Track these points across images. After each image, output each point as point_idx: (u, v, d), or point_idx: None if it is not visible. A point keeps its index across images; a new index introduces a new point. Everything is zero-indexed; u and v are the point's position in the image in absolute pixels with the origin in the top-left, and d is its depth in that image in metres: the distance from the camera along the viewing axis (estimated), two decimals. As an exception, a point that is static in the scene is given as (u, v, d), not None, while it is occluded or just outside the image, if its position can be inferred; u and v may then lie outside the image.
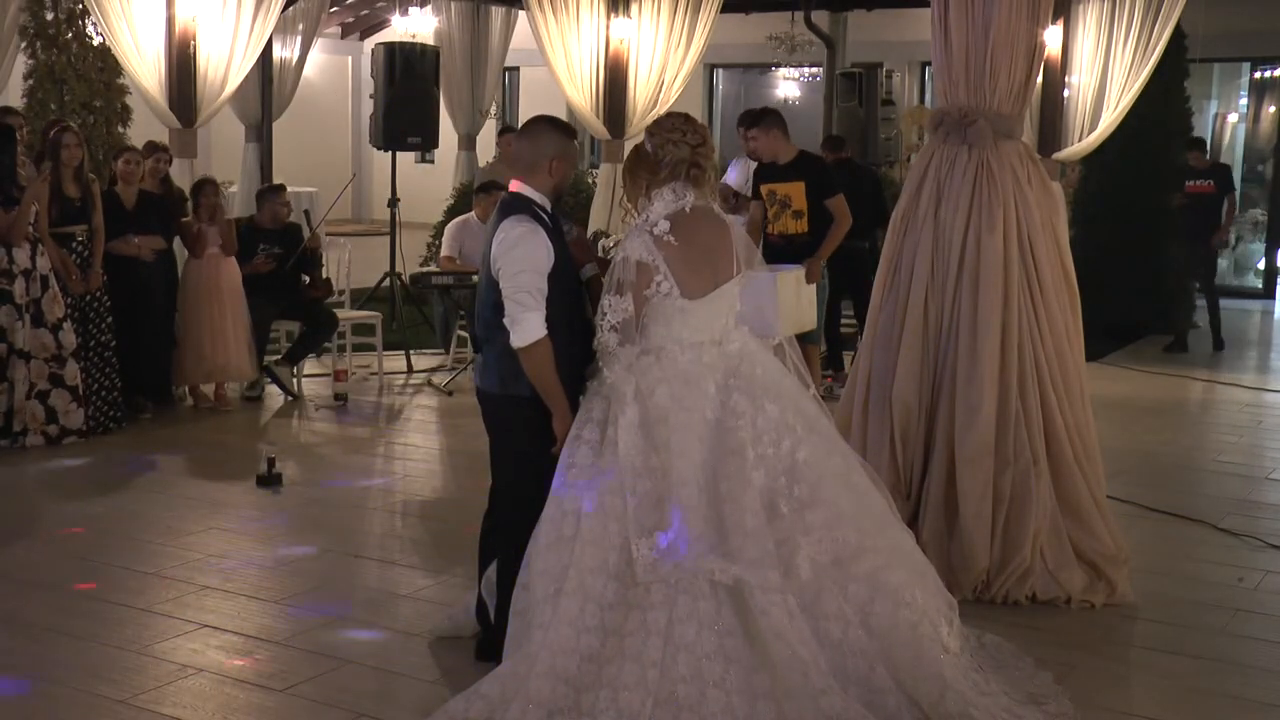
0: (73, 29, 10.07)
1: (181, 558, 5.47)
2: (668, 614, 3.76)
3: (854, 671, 3.83)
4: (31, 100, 10.09)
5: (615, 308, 3.95)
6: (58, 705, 4.10)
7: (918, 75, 17.58)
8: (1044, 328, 5.18)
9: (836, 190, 7.54)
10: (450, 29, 14.95)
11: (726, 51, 16.78)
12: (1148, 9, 10.67)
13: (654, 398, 3.93)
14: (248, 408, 8.52)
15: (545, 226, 4.10)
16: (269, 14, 9.37)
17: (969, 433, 5.04)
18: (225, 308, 8.22)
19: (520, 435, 4.19)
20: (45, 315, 7.21)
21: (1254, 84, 16.50)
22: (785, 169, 7.61)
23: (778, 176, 7.64)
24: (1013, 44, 5.17)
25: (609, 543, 3.84)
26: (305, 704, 4.12)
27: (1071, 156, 11.44)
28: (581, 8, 11.95)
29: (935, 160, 5.34)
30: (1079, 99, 11.13)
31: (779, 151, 7.65)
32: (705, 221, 4.08)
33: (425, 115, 10.44)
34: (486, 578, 4.34)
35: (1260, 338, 13.30)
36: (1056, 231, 5.40)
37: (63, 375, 7.26)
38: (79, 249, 7.56)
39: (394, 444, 7.79)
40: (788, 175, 7.58)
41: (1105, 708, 4.18)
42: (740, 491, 3.86)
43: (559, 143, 4.22)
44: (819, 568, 3.89)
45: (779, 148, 7.65)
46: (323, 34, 16.23)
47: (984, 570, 4.99)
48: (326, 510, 6.24)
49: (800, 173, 7.55)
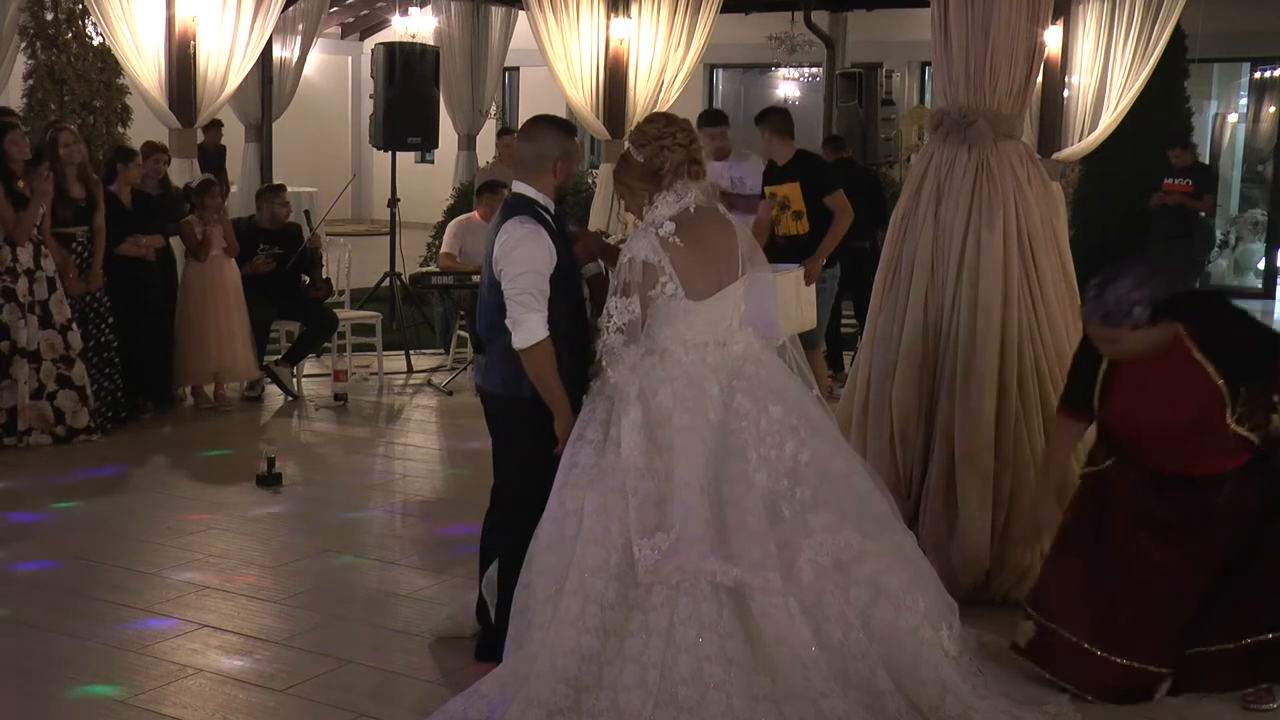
0: (73, 29, 10.07)
1: (181, 558, 5.47)
2: (669, 615, 3.76)
3: (855, 674, 3.83)
4: (31, 100, 10.10)
5: (621, 309, 3.94)
6: (58, 705, 4.10)
7: (918, 75, 17.58)
8: (1044, 328, 5.18)
9: (835, 187, 7.52)
10: (450, 29, 14.97)
11: (726, 51, 16.78)
12: (1147, 9, 10.67)
13: (657, 399, 3.93)
14: (248, 408, 8.52)
15: (547, 227, 4.10)
16: (269, 14, 9.36)
17: (969, 433, 5.04)
18: (230, 308, 8.24)
19: (522, 436, 4.20)
20: (53, 316, 7.23)
21: (1254, 84, 16.49)
22: (782, 170, 7.62)
23: (776, 178, 7.65)
24: (1013, 44, 5.17)
25: (611, 543, 3.83)
26: (305, 704, 4.12)
27: (1071, 156, 11.44)
28: (581, 8, 11.95)
29: (935, 160, 5.34)
30: (1079, 99, 11.13)
31: (774, 152, 7.64)
32: (711, 222, 4.08)
33: (425, 115, 10.43)
34: (487, 578, 4.34)
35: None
36: (1056, 231, 5.40)
37: (70, 376, 7.29)
38: (79, 249, 7.57)
39: (394, 444, 7.79)
40: (784, 177, 7.59)
41: (1104, 707, 4.18)
42: (742, 493, 3.86)
43: (561, 143, 4.21)
44: (820, 570, 3.89)
45: (773, 149, 7.63)
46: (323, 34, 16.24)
47: (984, 570, 4.99)
48: (326, 510, 6.24)
49: (796, 173, 7.55)
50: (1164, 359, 4.06)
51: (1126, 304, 3.95)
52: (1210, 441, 4.09)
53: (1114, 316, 3.98)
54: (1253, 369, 4.04)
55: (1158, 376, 4.08)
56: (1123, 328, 3.99)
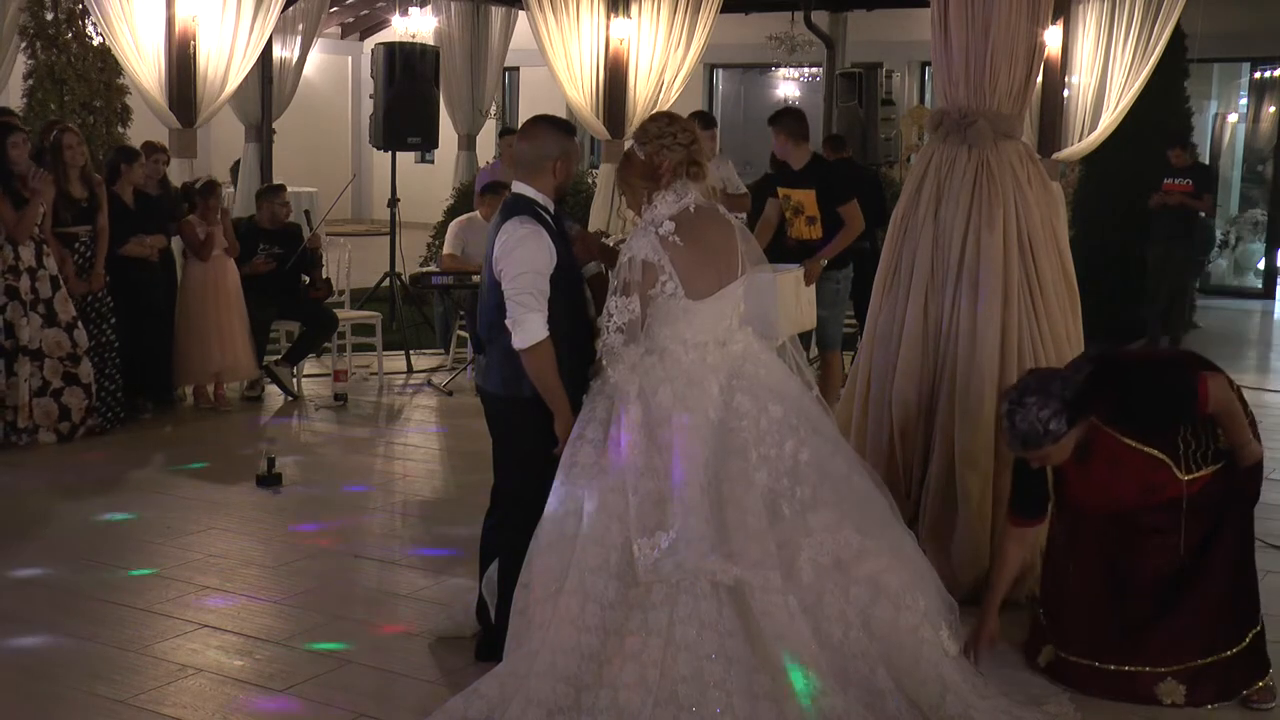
0: (73, 29, 10.06)
1: (181, 558, 5.47)
2: (669, 614, 3.76)
3: (855, 673, 3.84)
4: (31, 100, 10.09)
5: (621, 308, 3.94)
6: (58, 705, 4.10)
7: (918, 75, 17.58)
8: (1044, 328, 5.18)
9: (850, 196, 7.43)
10: (450, 29, 14.95)
11: (726, 51, 16.78)
12: (1147, 9, 10.66)
13: (657, 398, 3.93)
14: (248, 408, 8.52)
15: (547, 227, 4.11)
16: (269, 14, 9.37)
17: (969, 433, 5.04)
18: (230, 308, 8.25)
19: (522, 436, 4.20)
20: (58, 315, 7.24)
21: (1254, 84, 16.49)
22: (798, 175, 7.49)
23: (791, 182, 7.53)
24: (1013, 44, 5.16)
25: (610, 542, 3.84)
26: (305, 704, 4.12)
27: (1071, 156, 11.44)
28: (581, 8, 11.95)
29: (935, 160, 5.33)
30: (1079, 99, 11.13)
31: (789, 155, 7.55)
32: (711, 222, 4.08)
33: (425, 115, 10.44)
34: (487, 578, 4.34)
35: (1260, 338, 13.30)
36: (1056, 231, 5.40)
37: (77, 374, 7.31)
38: (81, 249, 7.57)
39: (394, 444, 7.79)
40: (800, 181, 7.48)
41: (1105, 706, 4.18)
42: (742, 492, 3.86)
43: (561, 143, 4.22)
44: (820, 569, 3.89)
45: (789, 152, 7.54)
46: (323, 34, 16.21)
47: (984, 570, 4.99)
48: (326, 510, 6.24)
49: (812, 180, 7.47)
50: (1099, 453, 4.14)
51: (1040, 424, 4.02)
52: (1167, 491, 4.17)
53: (1033, 439, 4.06)
54: (1181, 416, 4.12)
55: (1100, 470, 4.17)
56: (1045, 446, 4.06)
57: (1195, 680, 4.16)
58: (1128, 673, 4.19)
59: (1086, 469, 4.18)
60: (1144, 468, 4.13)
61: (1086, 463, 4.16)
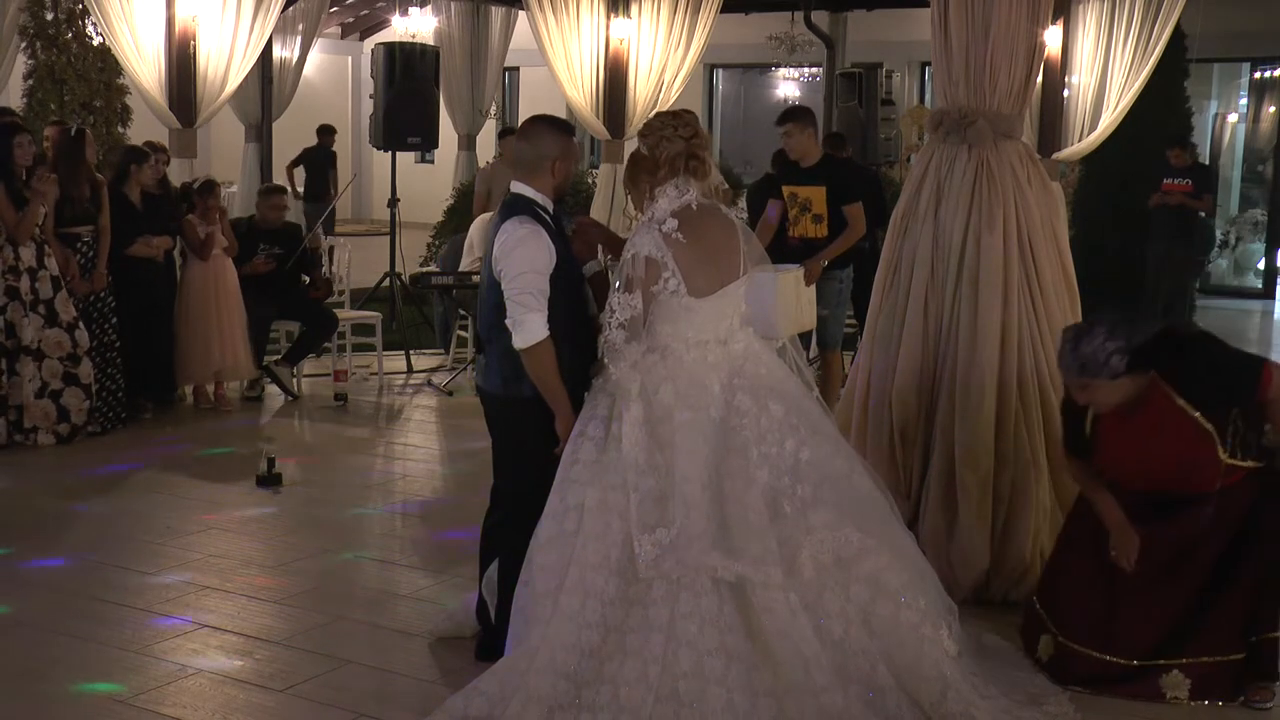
0: (73, 29, 10.07)
1: (181, 558, 5.47)
2: (669, 610, 3.76)
3: (855, 670, 3.84)
4: (31, 100, 10.10)
5: (624, 305, 3.94)
6: (58, 705, 4.10)
7: (918, 75, 17.59)
8: (1044, 328, 5.18)
9: (856, 198, 7.42)
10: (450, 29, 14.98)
11: (726, 51, 16.79)
12: (1147, 9, 10.67)
13: (658, 395, 3.93)
14: (248, 408, 8.52)
15: (547, 227, 4.11)
16: (269, 14, 9.37)
17: (969, 433, 5.04)
18: (230, 308, 8.25)
19: (523, 435, 4.20)
20: (59, 315, 7.24)
21: (1254, 84, 16.49)
22: (808, 172, 7.45)
23: (800, 179, 7.50)
24: (1013, 44, 5.16)
25: (611, 539, 3.84)
26: (305, 704, 4.12)
27: (1071, 156, 11.44)
28: (581, 8, 11.95)
29: (935, 160, 5.34)
30: (1079, 99, 11.14)
31: (809, 152, 7.52)
32: (713, 220, 4.08)
33: (425, 115, 10.42)
34: (487, 577, 4.35)
35: (1260, 338, 13.29)
36: (1056, 231, 5.40)
37: (77, 374, 7.30)
38: (84, 249, 7.57)
39: (394, 444, 7.79)
40: (810, 179, 7.46)
41: (1104, 706, 4.18)
42: (743, 490, 3.86)
43: (560, 143, 4.22)
44: (821, 567, 3.89)
45: (809, 148, 7.51)
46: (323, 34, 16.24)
47: (983, 570, 4.99)
48: (326, 510, 6.24)
49: (823, 177, 7.45)
50: (1147, 411, 4.10)
51: (1103, 354, 3.99)
52: (1203, 473, 4.13)
53: (1091, 367, 4.02)
54: (1238, 396, 4.08)
55: (1143, 430, 4.13)
56: (1100, 378, 4.03)
57: (1203, 677, 4.15)
58: (1137, 667, 4.18)
59: (1130, 427, 4.11)
60: (1188, 439, 4.06)
61: (1132, 419, 4.10)
